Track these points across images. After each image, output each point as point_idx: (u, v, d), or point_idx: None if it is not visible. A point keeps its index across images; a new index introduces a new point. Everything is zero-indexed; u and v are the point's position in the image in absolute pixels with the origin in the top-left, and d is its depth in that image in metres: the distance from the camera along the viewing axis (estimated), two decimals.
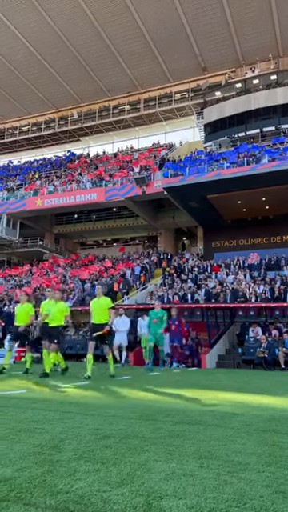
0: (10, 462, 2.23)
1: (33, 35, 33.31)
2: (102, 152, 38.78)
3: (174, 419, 3.64)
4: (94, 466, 2.21)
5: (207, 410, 4.24)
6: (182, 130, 38.60)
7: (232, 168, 24.80)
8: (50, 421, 3.41)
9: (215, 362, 13.95)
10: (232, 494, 1.85)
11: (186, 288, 19.87)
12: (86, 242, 35.91)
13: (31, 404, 4.30)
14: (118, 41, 33.07)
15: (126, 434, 2.96)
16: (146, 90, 37.30)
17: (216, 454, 2.52)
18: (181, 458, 2.39)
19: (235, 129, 31.28)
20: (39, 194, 30.21)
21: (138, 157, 33.09)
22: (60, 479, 1.98)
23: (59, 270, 27.59)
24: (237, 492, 1.87)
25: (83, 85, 37.54)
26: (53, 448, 2.54)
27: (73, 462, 2.27)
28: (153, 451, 2.54)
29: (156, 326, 10.72)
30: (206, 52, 33.15)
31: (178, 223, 30.20)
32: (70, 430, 3.04)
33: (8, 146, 44.37)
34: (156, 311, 11.08)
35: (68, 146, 42.40)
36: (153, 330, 10.78)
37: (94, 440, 2.77)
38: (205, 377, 9.28)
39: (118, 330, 12.02)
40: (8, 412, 3.78)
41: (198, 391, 6.03)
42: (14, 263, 34.14)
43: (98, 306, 8.41)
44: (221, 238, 27.90)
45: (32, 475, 2.03)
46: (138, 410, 4.10)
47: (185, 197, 24.18)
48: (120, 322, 12.32)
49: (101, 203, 28.48)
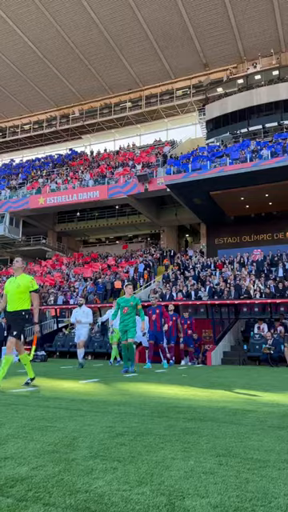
0: (24, 461, 2.19)
1: (34, 33, 33.22)
2: (104, 149, 38.71)
3: (186, 416, 3.59)
4: (110, 464, 2.17)
5: (218, 406, 4.20)
6: (184, 126, 38.50)
7: (235, 164, 24.69)
8: (61, 418, 3.37)
9: (220, 359, 13.91)
10: (255, 492, 1.80)
11: (190, 285, 19.82)
12: (88, 240, 35.90)
13: (41, 402, 4.26)
14: (119, 37, 32.94)
15: (140, 432, 2.91)
16: (147, 87, 37.19)
17: (233, 451, 2.48)
18: (198, 456, 2.35)
19: (237, 125, 31.16)
20: (42, 193, 30.16)
21: (140, 154, 32.99)
22: (78, 478, 1.94)
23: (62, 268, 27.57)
24: (260, 490, 1.82)
25: (84, 82, 37.46)
26: (67, 446, 2.50)
27: (89, 460, 2.23)
28: (169, 449, 2.49)
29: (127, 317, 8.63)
30: (208, 48, 33.01)
31: (180, 220, 30.13)
32: (82, 428, 3.00)
33: (10, 145, 44.35)
34: (127, 298, 8.74)
35: (70, 144, 42.35)
36: (123, 322, 8.70)
37: (108, 438, 2.73)
38: (211, 373, 9.24)
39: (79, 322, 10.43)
40: (18, 410, 3.74)
41: (206, 388, 5.98)
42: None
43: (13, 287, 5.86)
44: (224, 234, 27.84)
45: (49, 474, 1.99)
46: (149, 407, 4.05)
47: (187, 194, 24.11)
48: (80, 313, 10.56)
49: (103, 201, 28.44)
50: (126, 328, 8.62)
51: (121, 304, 8.73)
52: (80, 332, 10.49)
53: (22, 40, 33.87)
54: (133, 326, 8.60)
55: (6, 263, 34.69)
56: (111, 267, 25.82)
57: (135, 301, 8.73)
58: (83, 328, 10.49)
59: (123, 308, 8.66)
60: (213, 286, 18.99)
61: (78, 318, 10.43)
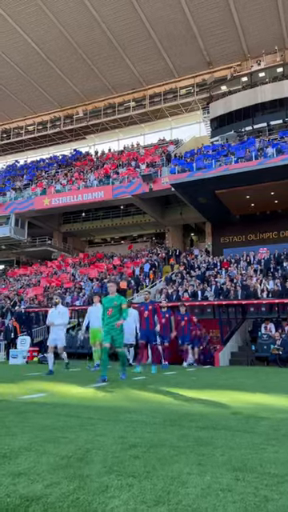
0: (39, 477, 2.16)
1: (37, 34, 33.22)
2: (108, 149, 38.68)
3: (198, 424, 3.55)
4: (125, 480, 2.13)
5: (230, 413, 4.15)
6: (188, 125, 38.36)
7: (240, 163, 24.57)
8: (72, 428, 3.34)
9: (228, 360, 13.84)
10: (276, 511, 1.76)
11: (196, 285, 19.75)
12: (93, 240, 35.93)
13: (51, 409, 4.24)
14: (122, 37, 32.86)
15: (153, 443, 2.88)
16: (150, 86, 37.09)
17: (249, 464, 2.43)
18: (214, 470, 2.31)
19: (242, 123, 30.98)
20: (47, 194, 30.22)
21: (145, 153, 32.94)
22: (93, 497, 1.90)
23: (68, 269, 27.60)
24: (280, 510, 1.78)
25: (88, 82, 37.43)
26: (80, 460, 2.46)
27: (103, 475, 2.20)
28: (183, 462, 2.45)
29: (113, 320, 7.41)
30: (211, 46, 32.84)
31: (185, 219, 30.05)
32: (94, 439, 2.96)
33: (14, 146, 44.45)
34: (111, 297, 7.61)
35: (74, 145, 42.36)
36: (108, 325, 7.43)
37: (121, 450, 2.69)
38: (220, 376, 9.18)
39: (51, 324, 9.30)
40: (29, 419, 3.72)
41: (216, 392, 5.94)
42: (23, 263, 34.25)
43: None
44: (229, 233, 27.72)
45: (64, 492, 1.96)
46: (160, 414, 4.02)
47: (192, 193, 24.03)
48: (55, 314, 9.31)
49: (108, 201, 28.43)
50: (112, 334, 7.34)
51: (105, 305, 7.59)
52: (56, 336, 9.23)
53: (25, 41, 33.89)
54: (120, 331, 7.39)
55: (12, 264, 34.81)
56: (117, 267, 25.81)
57: (119, 300, 7.54)
58: (59, 331, 9.23)
59: (107, 309, 7.48)
60: (219, 285, 18.92)
61: (50, 319, 9.30)
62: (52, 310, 9.63)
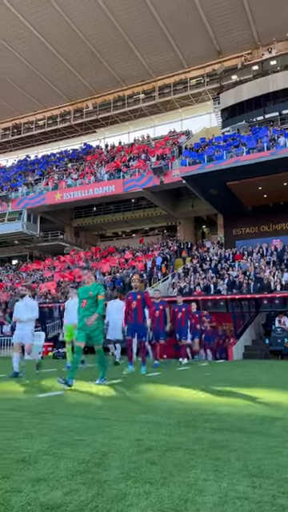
0: (57, 483, 2.20)
1: (45, 27, 33.14)
2: (118, 142, 38.57)
3: (212, 426, 3.57)
4: (143, 487, 2.16)
5: (244, 413, 4.16)
6: (199, 116, 38.03)
7: (252, 154, 24.30)
8: (89, 430, 3.39)
9: (242, 353, 13.84)
10: None
11: (209, 278, 19.71)
12: (105, 234, 36.04)
13: (68, 410, 4.30)
14: (130, 28, 32.58)
15: (169, 446, 2.91)
16: (160, 78, 36.79)
17: (265, 470, 2.44)
18: (230, 477, 2.32)
19: (253, 113, 30.59)
20: (58, 188, 30.35)
21: (155, 146, 32.78)
22: (112, 505, 1.93)
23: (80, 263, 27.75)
24: None
25: (97, 75, 37.28)
26: (98, 465, 2.50)
27: (121, 482, 2.23)
28: (200, 467, 2.47)
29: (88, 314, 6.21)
30: (221, 35, 32.38)
31: (197, 212, 29.94)
32: (111, 442, 3.01)
33: (25, 141, 44.64)
34: (87, 286, 6.43)
35: (84, 138, 42.37)
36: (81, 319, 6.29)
37: (138, 454, 2.73)
38: (234, 371, 9.19)
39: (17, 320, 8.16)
40: (46, 420, 3.79)
41: (230, 389, 5.95)
42: (36, 257, 34.56)
43: None
44: (242, 225, 27.53)
45: (82, 500, 1.99)
46: (175, 415, 4.05)
47: (204, 185, 23.89)
48: (22, 308, 8.13)
49: (119, 195, 28.44)
50: (87, 330, 6.20)
51: (79, 296, 6.50)
52: (22, 332, 8.00)
53: (34, 35, 33.83)
54: (96, 326, 6.27)
55: (25, 259, 35.17)
56: (128, 261, 25.88)
57: (96, 290, 6.34)
58: (26, 326, 7.99)
59: (81, 301, 6.35)
60: (232, 278, 18.85)
61: (16, 314, 8.13)
62: (18, 303, 8.37)
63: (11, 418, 3.83)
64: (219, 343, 14.09)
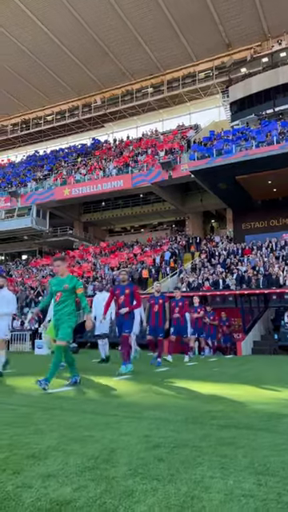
0: (67, 480, 2.25)
1: (52, 22, 33.05)
2: (127, 137, 38.49)
3: (220, 422, 3.61)
4: (150, 484, 2.20)
5: (252, 409, 4.19)
6: (208, 109, 37.76)
7: (261, 147, 24.10)
8: (98, 426, 3.45)
9: (251, 349, 13.83)
10: None
11: (218, 273, 19.67)
12: (114, 229, 36.10)
13: (77, 405, 4.37)
14: (138, 21, 32.37)
15: (176, 443, 2.95)
16: (168, 71, 36.55)
17: (271, 467, 2.47)
18: (236, 474, 2.35)
19: (263, 106, 30.28)
20: (67, 184, 30.44)
21: (163, 140, 32.66)
22: (119, 501, 1.98)
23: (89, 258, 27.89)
24: None
25: (105, 70, 37.16)
26: (106, 461, 2.55)
27: (129, 478, 2.27)
28: (206, 464, 2.51)
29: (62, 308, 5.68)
30: (230, 27, 32.00)
31: (206, 206, 29.82)
32: (119, 438, 3.06)
33: (34, 136, 44.77)
34: (61, 278, 5.82)
35: (92, 133, 42.36)
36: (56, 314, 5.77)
37: (146, 450, 2.77)
38: (242, 367, 9.20)
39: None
40: (55, 415, 3.85)
41: (237, 385, 5.98)
42: (46, 253, 34.78)
43: None
44: (251, 219, 27.37)
45: (91, 496, 2.04)
46: (183, 411, 4.09)
47: (212, 179, 23.77)
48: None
49: (127, 190, 28.44)
50: (59, 324, 5.67)
51: (52, 288, 5.84)
52: None
53: (41, 30, 33.76)
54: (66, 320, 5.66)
55: (34, 254, 35.42)
56: (137, 256, 25.92)
57: (72, 282, 5.74)
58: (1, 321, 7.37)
59: (55, 294, 5.76)
60: (241, 273, 18.80)
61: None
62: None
63: (22, 414, 3.90)
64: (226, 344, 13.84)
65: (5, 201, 32.42)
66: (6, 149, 46.98)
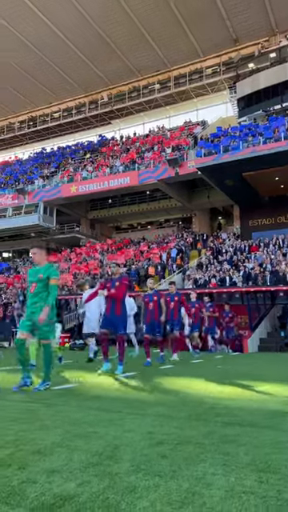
0: (71, 475, 2.29)
1: (58, 17, 33.00)
2: (133, 133, 38.45)
3: (223, 419, 3.63)
4: (152, 480, 2.24)
5: (256, 407, 4.21)
6: (215, 106, 37.57)
7: (268, 143, 23.96)
8: (102, 422, 3.49)
9: (257, 346, 13.81)
10: None
11: (224, 270, 19.65)
12: (120, 226, 36.16)
13: (82, 402, 4.41)
14: (144, 17, 32.25)
15: (180, 440, 2.98)
16: (175, 67, 36.39)
17: (273, 465, 2.49)
18: (238, 471, 2.38)
19: (270, 101, 30.06)
20: (73, 181, 30.53)
21: (170, 136, 32.59)
22: (122, 497, 2.01)
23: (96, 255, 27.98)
24: None
25: (112, 66, 37.09)
26: (110, 458, 2.59)
27: (131, 474, 2.31)
28: (209, 461, 2.54)
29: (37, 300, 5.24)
30: (237, 22, 31.75)
31: (212, 203, 29.74)
32: (123, 435, 3.09)
33: (41, 134, 44.89)
34: (38, 267, 5.45)
35: (99, 130, 42.37)
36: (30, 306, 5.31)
37: (149, 447, 2.80)
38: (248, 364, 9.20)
39: None
40: (61, 411, 3.90)
41: (242, 383, 5.99)
42: (53, 250, 34.91)
43: None
44: (258, 216, 27.25)
45: (94, 491, 2.08)
46: (186, 408, 4.12)
47: (219, 176, 23.70)
48: None
49: (134, 187, 28.44)
50: (35, 318, 5.17)
51: (29, 278, 5.45)
52: None
53: (48, 27, 33.74)
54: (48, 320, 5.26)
55: None
56: (144, 253, 25.96)
57: (48, 272, 5.26)
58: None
59: (31, 284, 5.34)
60: (247, 270, 18.76)
61: None
62: None
63: (28, 410, 3.96)
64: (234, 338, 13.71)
65: (12, 198, 32.61)
66: (14, 146, 47.18)
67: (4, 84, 40.01)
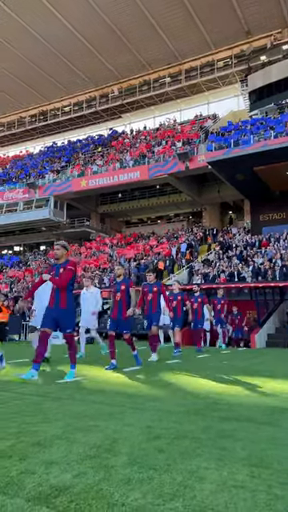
0: (68, 467, 2.37)
1: (69, 11, 32.87)
2: (144, 127, 38.32)
3: (222, 415, 3.68)
4: (147, 473, 2.30)
5: (256, 403, 4.25)
6: (226, 99, 37.21)
7: (279, 137, 23.70)
8: (103, 416, 3.57)
9: (265, 342, 13.80)
10: (283, 511, 1.87)
11: (234, 265, 19.58)
12: (130, 220, 36.18)
13: (86, 396, 4.50)
14: (156, 9, 31.94)
15: (177, 434, 3.04)
16: (186, 61, 36.06)
17: (267, 460, 2.54)
18: (231, 466, 2.43)
19: (282, 94, 29.63)
20: (84, 175, 30.61)
21: (181, 130, 32.42)
22: (116, 488, 2.08)
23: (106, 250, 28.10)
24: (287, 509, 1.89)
25: (122, 60, 36.91)
26: (108, 451, 2.66)
27: (127, 467, 2.38)
28: (204, 456, 2.59)
29: None
30: (250, 14, 31.29)
31: (223, 197, 29.57)
32: (122, 429, 3.16)
33: (51, 128, 45.00)
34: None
35: (110, 124, 42.31)
36: None
37: (147, 441, 2.87)
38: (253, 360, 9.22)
39: None
40: (63, 405, 3.99)
41: (245, 378, 6.03)
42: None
43: None
44: (269, 210, 27.02)
45: (89, 483, 2.15)
46: (186, 403, 4.18)
47: (229, 170, 23.52)
48: None
49: (144, 181, 28.40)
50: None
51: None
52: None
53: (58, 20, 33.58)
54: None
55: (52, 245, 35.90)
56: (153, 248, 25.98)
57: None
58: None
59: None
60: (257, 265, 18.67)
61: None
62: None
63: (32, 403, 4.06)
64: None
65: (23, 192, 32.84)
66: (25, 140, 47.40)
67: (15, 78, 40.17)
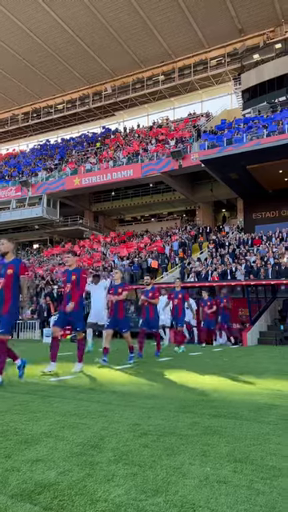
0: (54, 464, 2.39)
1: (62, 9, 32.72)
2: (137, 125, 38.28)
3: (210, 412, 3.72)
4: (131, 469, 2.33)
5: (244, 400, 4.29)
6: (220, 97, 37.26)
7: (272, 136, 23.79)
8: (91, 414, 3.59)
9: (257, 339, 13.89)
10: (264, 505, 1.91)
11: (226, 263, 19.65)
12: (124, 218, 36.16)
13: (76, 394, 4.52)
14: (149, 8, 31.88)
15: (164, 431, 3.07)
16: (180, 59, 36.06)
17: (251, 456, 2.58)
18: (215, 461, 2.47)
19: (276, 93, 29.74)
20: (77, 173, 30.51)
21: (175, 128, 32.43)
22: (99, 485, 2.11)
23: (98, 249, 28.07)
24: (268, 504, 1.93)
25: (116, 57, 36.81)
26: (94, 447, 2.69)
27: (112, 464, 2.41)
28: (189, 452, 2.63)
29: None
30: (243, 13, 31.33)
31: (216, 196, 29.64)
32: (110, 426, 3.19)
33: (44, 125, 44.80)
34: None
35: (103, 122, 42.22)
36: None
37: (133, 438, 2.90)
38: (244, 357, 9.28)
39: None
40: (53, 403, 4.01)
41: (236, 375, 6.08)
42: (56, 242, 35.10)
43: None
44: (262, 209, 27.15)
45: (74, 480, 2.18)
46: (176, 400, 4.21)
47: (223, 169, 23.58)
48: None
49: (137, 179, 28.38)
50: None
51: None
52: None
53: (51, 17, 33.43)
54: None
55: (45, 243, 35.78)
56: (147, 246, 25.99)
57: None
58: None
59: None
60: (249, 263, 18.75)
61: None
62: None
63: (21, 401, 4.07)
64: None
65: (16, 190, 32.69)
66: (17, 138, 47.15)
67: (7, 75, 39.92)
